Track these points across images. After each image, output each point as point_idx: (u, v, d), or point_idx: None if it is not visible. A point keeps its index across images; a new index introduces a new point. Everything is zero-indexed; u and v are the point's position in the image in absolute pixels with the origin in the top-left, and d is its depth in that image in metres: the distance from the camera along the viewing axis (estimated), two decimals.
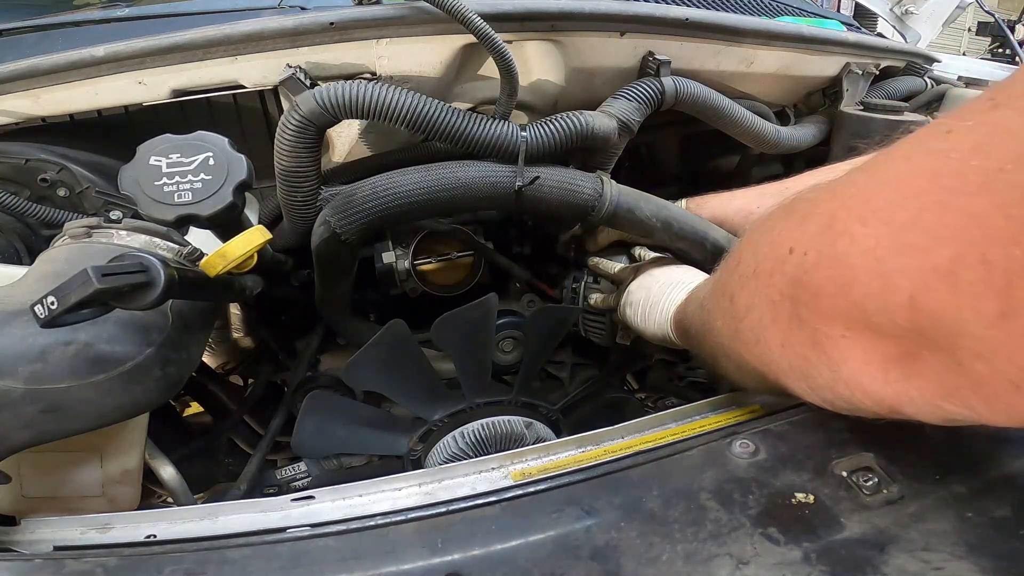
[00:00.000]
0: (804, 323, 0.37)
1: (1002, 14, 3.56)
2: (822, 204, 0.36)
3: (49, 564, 0.38)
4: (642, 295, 0.70)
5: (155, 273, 0.41)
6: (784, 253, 0.38)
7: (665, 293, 0.67)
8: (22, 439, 0.43)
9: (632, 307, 0.71)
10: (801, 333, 0.38)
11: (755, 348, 0.43)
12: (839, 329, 0.35)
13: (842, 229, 0.33)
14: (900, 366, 0.33)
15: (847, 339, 0.35)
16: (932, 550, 0.37)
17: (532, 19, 0.70)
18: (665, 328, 0.65)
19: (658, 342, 0.69)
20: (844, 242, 0.33)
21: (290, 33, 0.64)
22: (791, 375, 0.41)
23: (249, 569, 0.38)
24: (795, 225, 0.38)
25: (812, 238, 0.36)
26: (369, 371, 0.71)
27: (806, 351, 0.38)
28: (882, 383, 0.34)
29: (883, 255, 0.31)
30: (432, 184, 0.65)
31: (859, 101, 1.01)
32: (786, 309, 0.38)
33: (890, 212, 0.31)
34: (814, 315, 0.36)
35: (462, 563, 0.38)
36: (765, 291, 0.40)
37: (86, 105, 0.68)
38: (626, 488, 0.43)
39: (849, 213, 0.33)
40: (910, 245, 0.29)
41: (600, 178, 0.72)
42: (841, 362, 0.36)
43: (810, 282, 0.36)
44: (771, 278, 0.39)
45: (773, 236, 0.40)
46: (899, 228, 0.30)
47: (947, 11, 1.42)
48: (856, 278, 0.32)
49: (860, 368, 0.35)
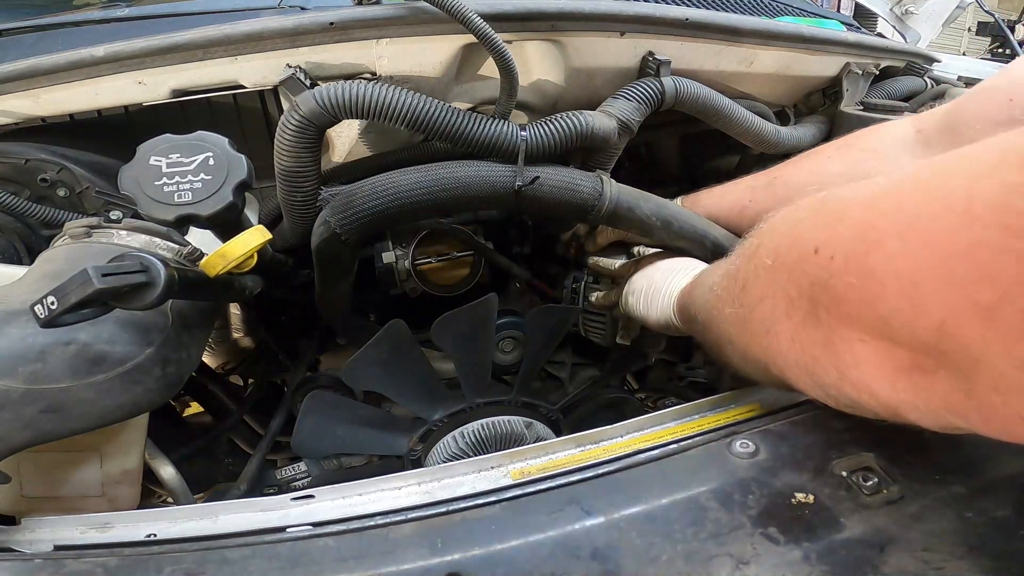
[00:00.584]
0: (820, 323, 0.37)
1: (1002, 14, 3.56)
2: (858, 209, 0.35)
3: (49, 564, 0.38)
4: (644, 283, 0.70)
5: (155, 273, 0.41)
6: (808, 251, 0.37)
7: (668, 279, 0.67)
8: (22, 439, 0.43)
9: (634, 295, 0.71)
10: (816, 332, 0.37)
11: (763, 339, 0.42)
12: (856, 334, 0.35)
13: (877, 241, 0.32)
14: (910, 377, 0.33)
15: (863, 343, 0.34)
16: (932, 550, 0.37)
17: (532, 19, 0.70)
18: (668, 313, 0.65)
19: (660, 329, 0.69)
20: (878, 256, 0.32)
21: (290, 33, 0.64)
22: (796, 369, 0.41)
23: (249, 569, 0.38)
24: (824, 225, 0.37)
25: (842, 243, 0.34)
26: (369, 371, 0.71)
27: (816, 350, 0.38)
28: (890, 390, 0.34)
29: (921, 280, 0.30)
30: (432, 184, 0.65)
31: (859, 101, 1.01)
32: (803, 307, 0.38)
33: (936, 237, 0.29)
34: (833, 318, 0.36)
35: (462, 563, 0.38)
36: (783, 285, 0.39)
37: (86, 105, 0.68)
38: (626, 488, 0.43)
39: (888, 225, 0.32)
40: (953, 276, 0.28)
41: (600, 177, 0.72)
42: (852, 365, 0.36)
43: (834, 286, 0.35)
44: (791, 273, 0.39)
45: (798, 231, 0.39)
46: (945, 256, 0.28)
47: (947, 11, 1.42)
48: (884, 294, 0.32)
49: (870, 373, 0.35)
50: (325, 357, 0.94)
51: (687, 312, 0.61)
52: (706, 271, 0.60)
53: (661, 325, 0.67)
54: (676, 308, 0.63)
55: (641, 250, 0.80)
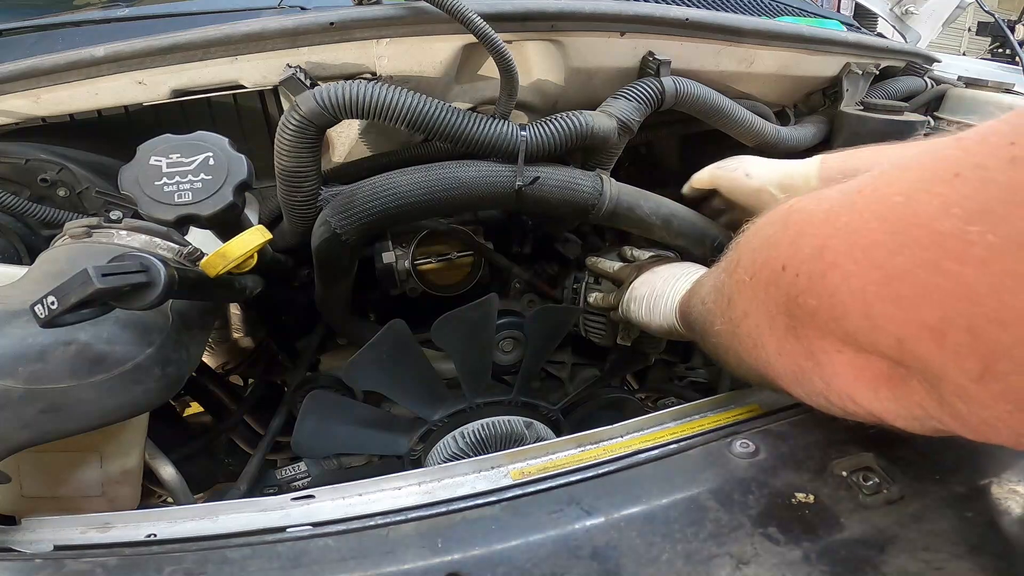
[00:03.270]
0: (800, 337, 0.38)
1: (1002, 14, 3.55)
2: (815, 226, 0.35)
3: (49, 564, 0.38)
4: (646, 290, 0.70)
5: (155, 273, 0.41)
6: (778, 269, 0.37)
7: (670, 285, 0.67)
8: (22, 439, 0.43)
9: (636, 302, 0.71)
10: (797, 344, 0.38)
11: (753, 351, 0.43)
12: (834, 345, 0.35)
13: (832, 261, 0.33)
14: (889, 386, 0.34)
15: (842, 354, 0.35)
16: (932, 550, 0.37)
17: (532, 19, 0.71)
18: (671, 319, 0.65)
19: (664, 335, 0.69)
20: (835, 276, 0.32)
21: (290, 33, 0.64)
22: (786, 379, 0.41)
23: (249, 569, 0.38)
24: (788, 242, 0.37)
25: (803, 263, 0.35)
26: (369, 371, 0.71)
27: (800, 360, 0.39)
28: (872, 398, 0.35)
29: (872, 300, 0.31)
30: (432, 184, 0.65)
31: (859, 101, 1.01)
32: (782, 322, 0.39)
33: (882, 257, 0.30)
34: (809, 331, 0.37)
35: (462, 563, 0.38)
36: (762, 301, 0.40)
37: (86, 105, 0.68)
38: (626, 488, 0.43)
39: (840, 245, 0.32)
40: (900, 296, 0.29)
41: (600, 176, 0.72)
42: (833, 375, 0.37)
43: (804, 304, 0.35)
44: (767, 290, 0.39)
45: (768, 247, 0.40)
46: (890, 277, 0.29)
47: (947, 11, 1.42)
48: (847, 313, 0.32)
49: (851, 383, 0.36)
50: (325, 357, 0.94)
51: (687, 319, 0.61)
52: (699, 281, 0.60)
53: (665, 331, 0.67)
54: (679, 315, 0.63)
55: (635, 253, 0.79)
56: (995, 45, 3.85)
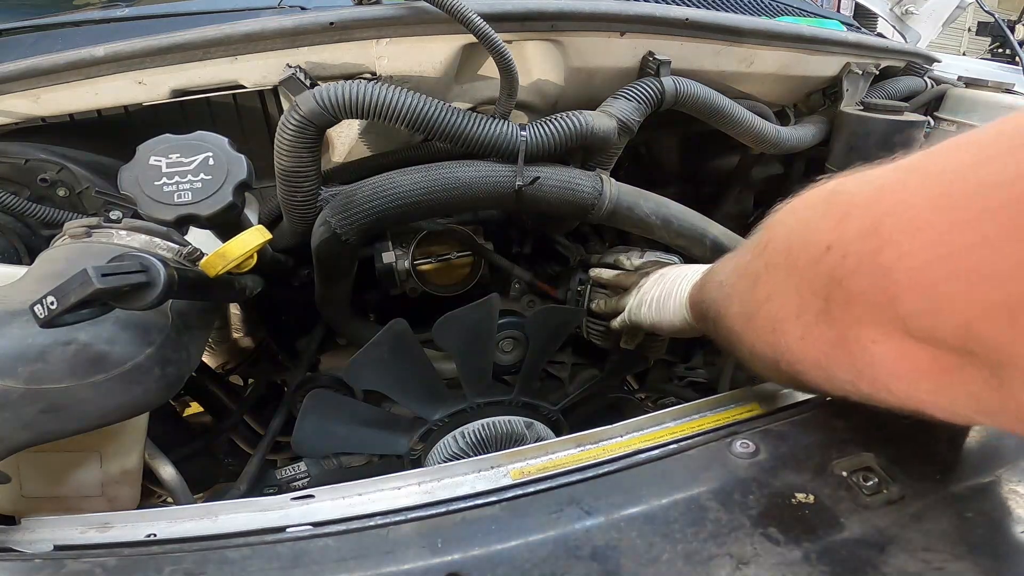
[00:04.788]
0: (834, 323, 0.36)
1: (1002, 14, 3.55)
2: (864, 205, 0.33)
3: (49, 564, 0.38)
4: (656, 291, 0.69)
5: (155, 273, 0.41)
6: (820, 250, 0.35)
7: (678, 282, 0.66)
8: (22, 439, 0.43)
9: (647, 305, 0.70)
10: (829, 331, 0.36)
11: (770, 336, 0.42)
12: (872, 334, 0.33)
13: (888, 238, 0.30)
14: (934, 378, 0.32)
15: (878, 345, 0.33)
16: (932, 550, 0.37)
17: (532, 19, 0.71)
18: (682, 313, 0.64)
19: (674, 333, 0.68)
20: (890, 254, 0.30)
21: (290, 33, 0.64)
22: (806, 363, 0.40)
23: (249, 569, 0.38)
24: (833, 222, 0.35)
25: (852, 241, 0.33)
26: (370, 371, 0.71)
27: (828, 348, 0.37)
28: (911, 390, 0.33)
29: (936, 278, 0.28)
30: (432, 184, 0.65)
31: (859, 101, 1.01)
32: (815, 306, 0.37)
33: (945, 231, 0.28)
34: (848, 317, 0.34)
35: (462, 563, 0.38)
36: (795, 284, 0.38)
37: (86, 105, 0.68)
38: (626, 488, 0.43)
39: (896, 223, 0.30)
40: (969, 272, 0.27)
41: (600, 176, 0.72)
42: (868, 365, 0.35)
43: (849, 287, 0.33)
44: (804, 272, 0.37)
45: (807, 230, 0.38)
46: (956, 252, 0.27)
47: (947, 11, 1.42)
48: (901, 294, 0.30)
49: (888, 374, 0.34)
50: (325, 357, 0.94)
51: (699, 309, 0.60)
52: (714, 268, 0.58)
53: (676, 329, 0.66)
54: (689, 307, 0.63)
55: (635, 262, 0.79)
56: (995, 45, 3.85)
